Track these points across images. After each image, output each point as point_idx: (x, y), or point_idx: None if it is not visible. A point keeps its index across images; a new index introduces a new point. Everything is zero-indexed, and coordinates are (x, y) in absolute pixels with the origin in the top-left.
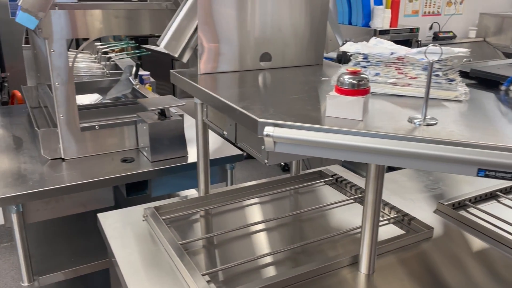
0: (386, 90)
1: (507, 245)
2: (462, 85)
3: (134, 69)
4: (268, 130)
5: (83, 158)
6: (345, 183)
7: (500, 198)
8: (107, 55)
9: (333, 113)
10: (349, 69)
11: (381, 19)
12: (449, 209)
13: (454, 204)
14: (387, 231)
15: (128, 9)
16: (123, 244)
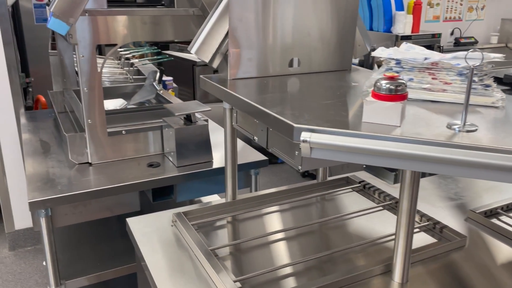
0: (420, 96)
1: None
2: (498, 90)
3: (158, 74)
4: (305, 136)
5: (110, 162)
6: (373, 190)
7: None
8: (130, 61)
9: (369, 119)
10: (386, 74)
11: (403, 24)
12: (481, 217)
13: (486, 212)
14: (419, 239)
15: (155, 15)
16: (153, 249)
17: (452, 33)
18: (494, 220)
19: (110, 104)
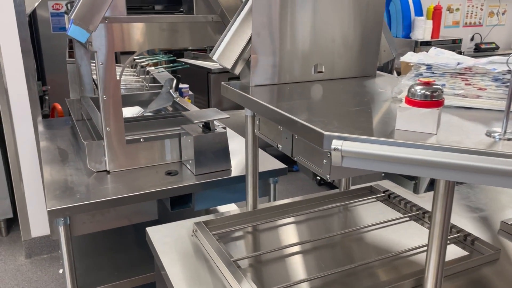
0: (453, 102)
1: None
2: None
3: (174, 82)
4: (336, 144)
5: (128, 170)
6: (399, 200)
7: None
8: (146, 69)
9: (403, 126)
10: (422, 79)
11: (422, 30)
12: None
13: None
14: (449, 251)
15: (175, 22)
16: (174, 259)
17: (472, 39)
18: None
19: (127, 112)
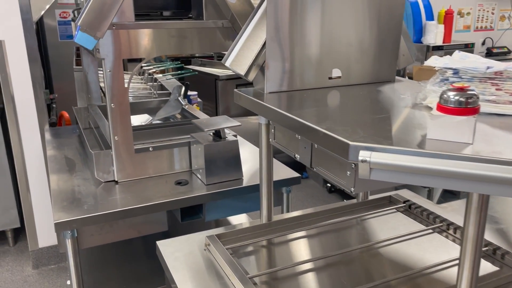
0: (484, 109)
1: None
2: None
3: (183, 89)
4: (364, 155)
5: (136, 180)
6: (420, 211)
7: None
8: (153, 76)
9: (436, 135)
10: (455, 84)
11: (434, 34)
12: None
13: None
14: None
15: (184, 28)
16: (186, 275)
17: (483, 43)
18: None
19: (135, 120)
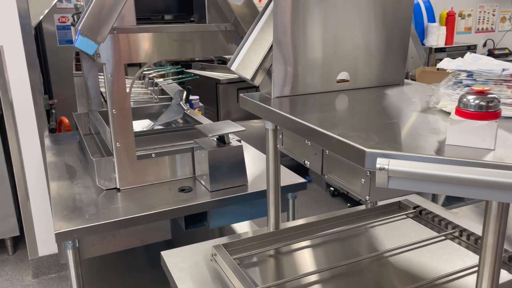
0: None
1: None
2: None
3: (184, 94)
4: (382, 163)
5: (139, 188)
6: (432, 217)
7: None
8: (154, 80)
9: (455, 141)
10: (474, 87)
11: (436, 36)
12: None
13: None
14: None
15: (187, 31)
16: (193, 287)
17: (485, 45)
18: None
19: (137, 125)
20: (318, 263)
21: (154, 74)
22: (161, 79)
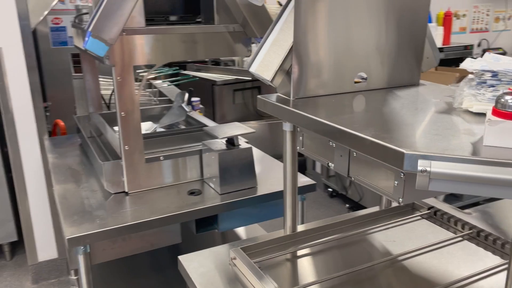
0: None
1: None
2: None
3: (186, 96)
4: (424, 165)
5: (147, 191)
6: (447, 217)
7: None
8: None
9: (493, 142)
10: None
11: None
12: None
13: None
14: None
15: (196, 32)
16: None
17: (479, 45)
18: None
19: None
20: (336, 266)
21: (152, 76)
22: (159, 81)
